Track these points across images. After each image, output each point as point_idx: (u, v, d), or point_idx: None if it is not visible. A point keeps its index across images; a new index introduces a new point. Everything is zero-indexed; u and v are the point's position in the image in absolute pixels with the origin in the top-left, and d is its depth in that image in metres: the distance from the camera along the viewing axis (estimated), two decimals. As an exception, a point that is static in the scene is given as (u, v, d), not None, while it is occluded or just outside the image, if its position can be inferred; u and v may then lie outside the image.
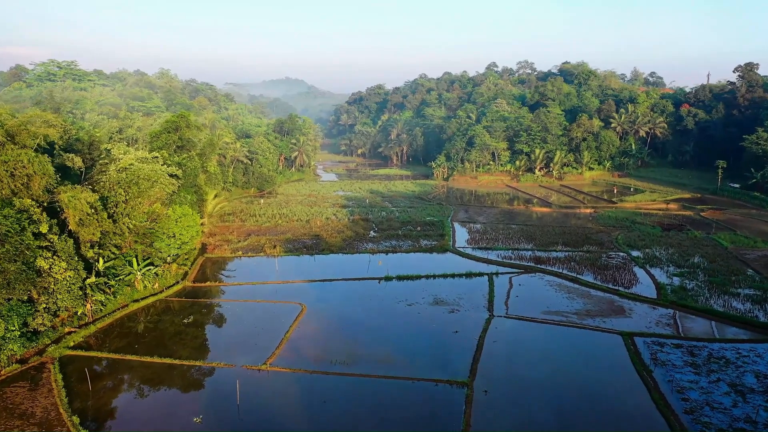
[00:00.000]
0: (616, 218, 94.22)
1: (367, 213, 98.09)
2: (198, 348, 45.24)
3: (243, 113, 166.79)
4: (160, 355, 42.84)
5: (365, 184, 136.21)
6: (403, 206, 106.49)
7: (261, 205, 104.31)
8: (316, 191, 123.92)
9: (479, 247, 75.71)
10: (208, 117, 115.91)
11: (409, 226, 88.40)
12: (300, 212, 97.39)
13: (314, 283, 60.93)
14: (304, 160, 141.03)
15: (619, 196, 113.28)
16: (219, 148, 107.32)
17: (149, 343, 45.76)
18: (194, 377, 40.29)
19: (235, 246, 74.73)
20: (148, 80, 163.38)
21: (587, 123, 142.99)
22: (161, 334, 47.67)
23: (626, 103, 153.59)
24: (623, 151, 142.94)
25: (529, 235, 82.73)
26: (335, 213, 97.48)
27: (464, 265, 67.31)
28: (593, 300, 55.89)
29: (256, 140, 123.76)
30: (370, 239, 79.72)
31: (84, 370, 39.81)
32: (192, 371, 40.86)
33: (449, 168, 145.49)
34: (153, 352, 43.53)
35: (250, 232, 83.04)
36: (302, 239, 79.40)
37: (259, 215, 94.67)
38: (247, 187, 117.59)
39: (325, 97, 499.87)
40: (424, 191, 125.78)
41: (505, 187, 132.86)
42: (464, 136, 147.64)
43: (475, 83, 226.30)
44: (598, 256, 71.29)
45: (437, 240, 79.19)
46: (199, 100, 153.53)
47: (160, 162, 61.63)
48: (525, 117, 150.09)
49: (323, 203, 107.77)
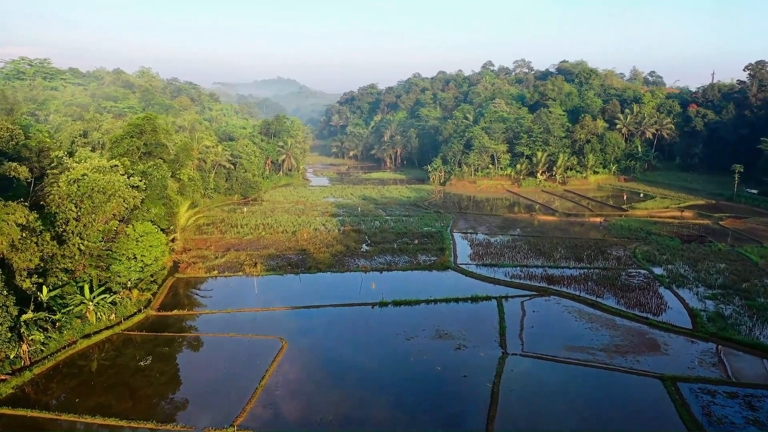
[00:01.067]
0: (629, 228, 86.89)
1: (359, 223, 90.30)
2: (153, 401, 37.27)
3: (228, 114, 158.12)
4: (105, 412, 34.86)
5: (357, 189, 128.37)
6: (398, 214, 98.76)
7: (244, 213, 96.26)
8: (304, 197, 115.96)
9: (484, 264, 68.06)
10: (188, 118, 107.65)
11: (405, 238, 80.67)
12: (286, 222, 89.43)
13: (298, 311, 53.08)
14: (292, 163, 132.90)
15: (629, 203, 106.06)
16: (199, 152, 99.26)
17: (95, 392, 37.76)
18: (143, 446, 32.40)
19: (211, 264, 66.71)
20: (125, 79, 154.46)
21: (591, 124, 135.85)
22: (111, 380, 39.64)
23: (631, 103, 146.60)
24: (629, 153, 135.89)
25: (537, 248, 75.23)
26: (324, 223, 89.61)
27: (468, 287, 59.68)
28: (620, 331, 48.36)
29: (240, 143, 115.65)
30: (362, 254, 71.91)
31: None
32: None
33: (446, 172, 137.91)
34: (97, 407, 35.55)
35: (230, 247, 75.04)
36: (287, 254, 71.49)
37: (241, 226, 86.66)
38: (230, 193, 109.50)
39: (317, 97, 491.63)
40: (420, 197, 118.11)
41: (505, 193, 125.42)
42: (461, 138, 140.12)
43: (471, 82, 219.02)
44: (616, 274, 63.85)
45: (437, 255, 71.49)
46: (180, 100, 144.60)
47: (120, 171, 53.53)
48: (525, 118, 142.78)
49: (312, 211, 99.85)
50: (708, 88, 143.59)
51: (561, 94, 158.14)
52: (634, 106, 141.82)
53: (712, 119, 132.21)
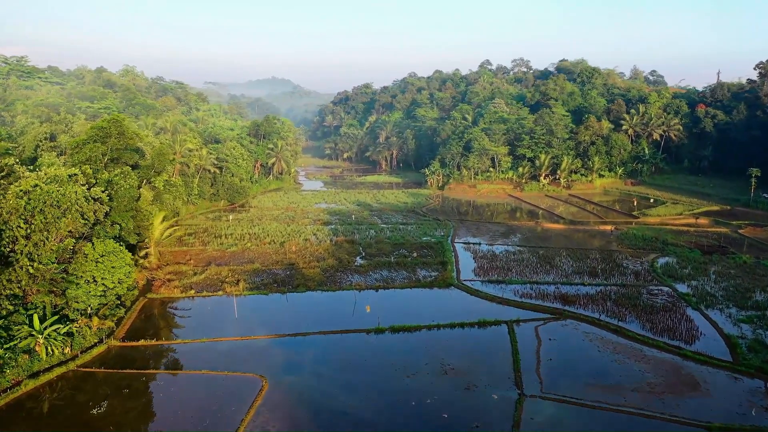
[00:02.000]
0: (642, 237, 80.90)
1: (352, 232, 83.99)
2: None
3: (217, 114, 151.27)
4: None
5: (351, 194, 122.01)
6: (394, 222, 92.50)
7: (229, 222, 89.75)
8: (295, 203, 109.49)
9: (490, 280, 61.82)
10: (170, 120, 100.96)
11: (403, 249, 74.41)
12: (274, 231, 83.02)
13: (283, 339, 46.75)
14: (282, 167, 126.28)
15: (639, 209, 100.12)
16: (181, 155, 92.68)
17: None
18: None
19: (188, 281, 60.23)
20: (107, 78, 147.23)
21: (596, 125, 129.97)
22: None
23: (636, 103, 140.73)
24: (635, 156, 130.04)
25: (546, 261, 69.12)
26: (315, 232, 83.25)
27: (474, 308, 53.53)
28: (651, 364, 42.22)
29: (228, 145, 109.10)
30: (356, 269, 65.56)
31: None
32: None
33: (445, 175, 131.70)
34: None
35: (211, 260, 68.58)
36: (273, 269, 65.09)
37: (225, 236, 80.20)
38: (216, 199, 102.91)
39: (311, 96, 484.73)
40: (418, 203, 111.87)
41: (507, 197, 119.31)
42: (460, 140, 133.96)
43: (468, 82, 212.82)
44: (637, 292, 57.78)
45: (438, 270, 65.25)
46: (164, 100, 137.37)
47: (80, 181, 47.02)
48: (527, 118, 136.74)
49: (302, 219, 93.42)
50: (717, 88, 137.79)
51: (563, 94, 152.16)
52: (640, 106, 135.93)
53: (722, 120, 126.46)
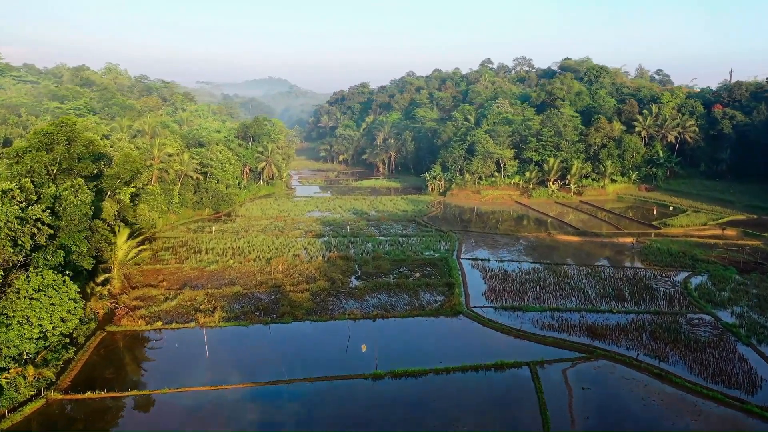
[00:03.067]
0: (668, 252, 73.09)
1: (347, 246, 76.07)
2: None
3: (205, 115, 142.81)
4: None
5: (346, 200, 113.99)
6: (393, 234, 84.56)
7: (212, 234, 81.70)
8: (286, 211, 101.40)
9: (504, 307, 53.93)
10: (148, 122, 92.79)
11: (404, 267, 66.48)
12: (261, 245, 75.04)
13: (261, 389, 38.81)
14: (273, 171, 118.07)
15: (659, 218, 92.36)
16: (160, 161, 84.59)
17: None
18: None
19: (157, 309, 52.21)
20: (86, 76, 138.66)
21: (607, 126, 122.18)
22: None
23: (648, 103, 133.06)
24: (648, 159, 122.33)
25: (565, 281, 61.29)
26: (306, 246, 75.29)
27: (489, 343, 45.78)
28: (711, 422, 34.45)
29: (213, 149, 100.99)
30: (350, 292, 57.62)
31: None
32: None
33: (446, 180, 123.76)
34: None
35: (187, 282, 60.56)
36: (257, 293, 57.12)
37: (205, 251, 72.18)
38: (199, 207, 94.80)
39: (307, 96, 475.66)
40: (419, 210, 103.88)
41: (514, 204, 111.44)
42: (463, 142, 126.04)
43: (469, 81, 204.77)
44: (674, 321, 50.01)
45: (444, 293, 57.36)
46: (145, 100, 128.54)
47: (18, 197, 38.99)
48: (533, 120, 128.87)
49: (293, 230, 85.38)
50: (734, 87, 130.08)
51: (570, 94, 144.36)
52: (653, 106, 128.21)
53: (741, 121, 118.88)
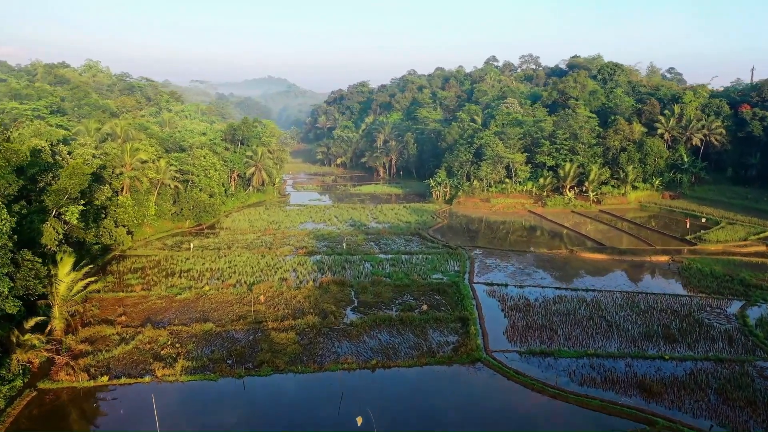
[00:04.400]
0: (712, 274, 63.47)
1: (343, 266, 66.51)
2: None
3: (193, 115, 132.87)
4: None
5: (344, 209, 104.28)
6: (395, 251, 74.95)
7: (191, 251, 72.11)
8: (276, 223, 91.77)
9: (531, 351, 44.28)
10: (120, 124, 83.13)
11: (408, 295, 56.89)
12: (243, 266, 65.50)
13: (222, 484, 29.26)
14: (263, 177, 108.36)
15: (693, 231, 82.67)
16: (132, 168, 74.96)
17: None
18: None
19: (107, 356, 42.62)
20: (59, 74, 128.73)
21: (626, 128, 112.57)
22: None
23: (669, 103, 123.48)
24: (671, 164, 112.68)
25: (600, 314, 51.70)
26: (296, 267, 65.73)
27: (517, 406, 36.29)
28: None
29: (196, 153, 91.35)
30: (344, 330, 48.03)
31: None
32: None
33: (452, 187, 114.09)
34: None
35: (151, 315, 51.00)
36: (232, 331, 47.52)
37: (179, 274, 62.63)
38: (179, 219, 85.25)
39: (306, 96, 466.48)
40: (423, 222, 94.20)
41: (527, 214, 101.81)
42: (470, 145, 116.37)
43: (473, 80, 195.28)
44: (742, 373, 40.41)
45: (457, 331, 47.77)
46: (123, 100, 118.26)
47: None
48: (545, 120, 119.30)
49: (282, 246, 75.82)
50: (764, 86, 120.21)
51: (584, 93, 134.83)
52: (675, 107, 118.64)
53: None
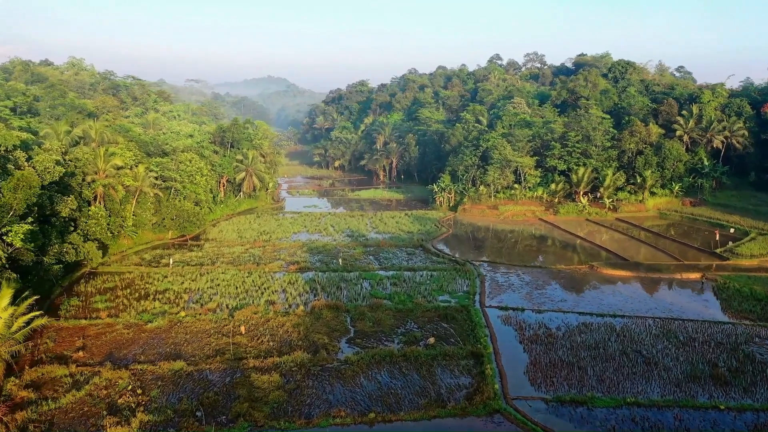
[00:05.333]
0: (753, 296, 56.39)
1: (338, 285, 59.49)
2: None
3: (182, 116, 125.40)
4: None
5: (341, 218, 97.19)
6: (397, 265, 67.86)
7: (170, 267, 65.01)
8: (267, 233, 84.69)
9: (561, 400, 37.16)
10: (94, 126, 75.82)
11: (412, 322, 49.82)
12: (227, 286, 58.49)
13: None
14: (254, 183, 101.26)
15: (722, 244, 75.60)
16: (106, 174, 67.87)
17: None
18: None
19: (52, 407, 35.56)
20: (38, 72, 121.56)
21: (643, 130, 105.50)
22: None
23: (686, 103, 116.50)
24: (691, 168, 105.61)
25: (632, 345, 44.64)
26: (286, 287, 58.72)
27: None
28: None
29: (181, 157, 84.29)
30: (338, 370, 40.92)
31: None
32: None
33: (457, 192, 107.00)
34: None
35: (114, 349, 43.97)
36: (206, 371, 40.45)
37: (153, 296, 55.61)
38: (161, 229, 78.22)
39: (305, 96, 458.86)
40: (426, 231, 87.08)
41: (538, 223, 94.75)
42: (476, 148, 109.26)
43: (476, 79, 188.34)
44: (820, 430, 33.41)
45: (470, 370, 40.69)
46: (103, 99, 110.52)
47: None
48: (556, 121, 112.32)
49: (272, 261, 68.77)
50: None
51: (595, 92, 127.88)
52: (693, 106, 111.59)
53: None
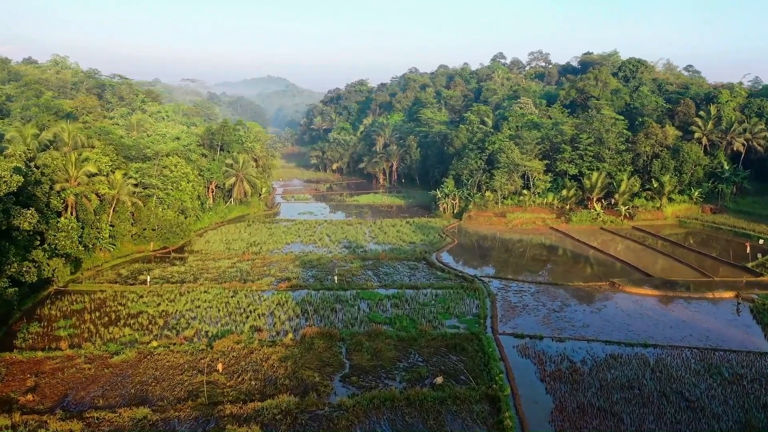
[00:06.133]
0: (799, 321, 50.21)
1: (333, 307, 53.22)
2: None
3: (172, 117, 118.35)
4: None
5: (338, 227, 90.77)
6: (398, 282, 61.52)
7: (147, 286, 58.73)
8: (258, 244, 78.38)
9: (594, 459, 31.00)
10: (68, 129, 69.10)
11: (416, 353, 43.54)
12: (207, 309, 52.22)
13: None
14: (245, 189, 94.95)
15: (753, 257, 69.34)
16: (77, 182, 61.58)
17: None
18: None
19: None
20: (14, 69, 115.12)
21: (659, 132, 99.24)
22: None
23: (703, 103, 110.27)
24: (710, 172, 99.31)
25: (669, 383, 38.35)
26: (274, 309, 52.48)
27: None
28: None
29: (166, 162, 78.07)
30: (329, 418, 34.60)
31: None
32: None
33: (462, 198, 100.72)
34: None
35: (69, 390, 37.71)
36: (174, 421, 34.20)
37: (124, 320, 49.38)
38: (143, 241, 72.01)
39: (304, 95, 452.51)
40: (430, 242, 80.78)
41: (549, 232, 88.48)
42: (481, 151, 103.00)
43: (479, 78, 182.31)
44: None
45: (484, 418, 34.39)
46: (82, 99, 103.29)
47: None
48: (566, 123, 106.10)
49: (261, 277, 62.49)
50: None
51: (605, 91, 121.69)
52: (711, 107, 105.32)
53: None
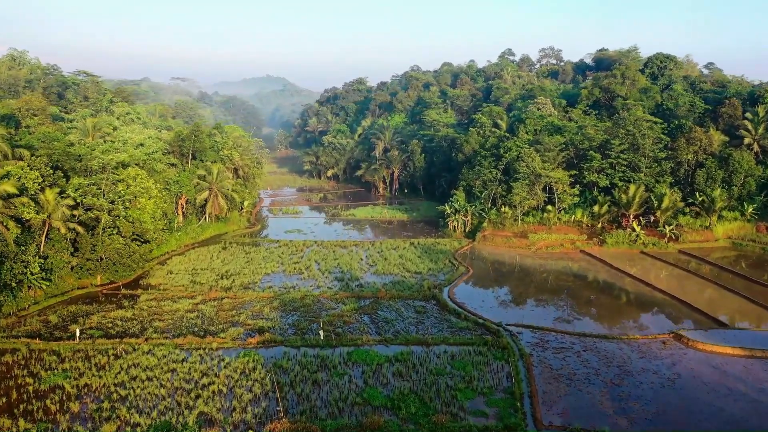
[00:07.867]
0: None
1: (314, 380, 39.55)
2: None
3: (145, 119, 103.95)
4: None
5: (329, 250, 76.77)
6: (403, 336, 47.71)
7: (75, 342, 45.12)
8: (231, 275, 64.53)
9: None
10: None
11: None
12: (144, 386, 38.51)
13: None
14: (220, 205, 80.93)
15: None
16: None
17: None
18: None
19: None
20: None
21: (703, 137, 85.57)
22: None
23: (746, 103, 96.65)
24: (763, 184, 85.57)
25: None
26: (235, 384, 38.80)
27: None
28: None
29: (123, 174, 64.45)
30: None
31: None
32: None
33: (474, 214, 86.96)
34: None
35: None
36: None
37: (24, 405, 35.71)
38: (88, 274, 58.35)
39: (302, 95, 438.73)
40: (439, 270, 66.90)
41: (579, 256, 74.63)
42: (496, 159, 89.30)
43: (487, 76, 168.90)
44: None
45: None
46: (27, 99, 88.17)
47: None
48: (595, 126, 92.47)
49: (226, 327, 48.72)
50: None
51: (633, 90, 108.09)
52: (759, 108, 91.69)
53: None
